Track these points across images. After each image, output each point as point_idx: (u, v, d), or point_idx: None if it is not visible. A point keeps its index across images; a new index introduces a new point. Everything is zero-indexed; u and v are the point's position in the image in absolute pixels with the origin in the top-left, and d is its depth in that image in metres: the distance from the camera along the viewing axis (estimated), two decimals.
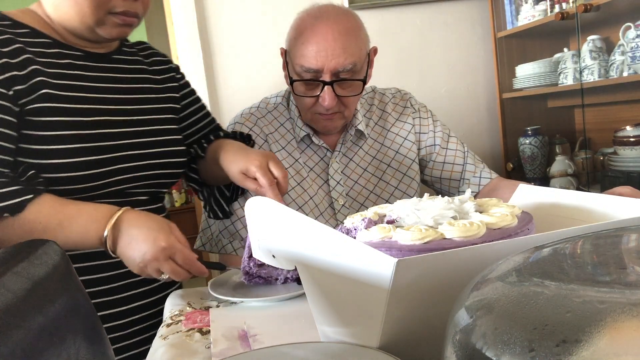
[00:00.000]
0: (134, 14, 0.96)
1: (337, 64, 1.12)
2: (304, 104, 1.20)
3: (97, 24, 0.95)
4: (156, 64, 1.14)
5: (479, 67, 2.23)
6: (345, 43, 1.12)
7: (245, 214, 0.73)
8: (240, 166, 0.98)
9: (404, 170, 1.30)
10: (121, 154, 0.97)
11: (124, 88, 1.03)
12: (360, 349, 0.52)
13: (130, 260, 0.86)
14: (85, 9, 0.92)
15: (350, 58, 1.12)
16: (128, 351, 1.02)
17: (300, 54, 1.13)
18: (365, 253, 0.49)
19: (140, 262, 0.85)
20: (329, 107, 1.15)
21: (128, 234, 0.86)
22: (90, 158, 0.93)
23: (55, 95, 0.92)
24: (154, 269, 0.86)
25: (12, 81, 0.88)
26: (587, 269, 0.38)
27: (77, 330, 0.53)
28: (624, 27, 1.66)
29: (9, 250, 0.51)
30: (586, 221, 0.64)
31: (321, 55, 1.11)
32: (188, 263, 0.87)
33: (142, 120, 1.03)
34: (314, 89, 1.16)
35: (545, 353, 0.28)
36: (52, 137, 0.90)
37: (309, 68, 1.13)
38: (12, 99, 0.89)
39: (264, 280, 0.93)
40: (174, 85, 1.15)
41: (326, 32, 1.12)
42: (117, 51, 1.07)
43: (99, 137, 0.95)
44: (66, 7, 0.94)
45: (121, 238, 0.86)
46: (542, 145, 2.08)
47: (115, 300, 1.01)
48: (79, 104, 0.94)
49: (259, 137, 1.26)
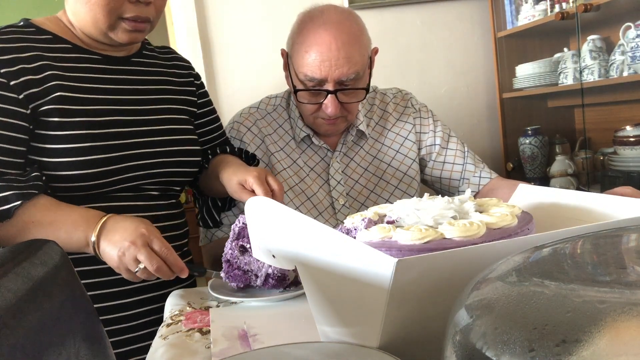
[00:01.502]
0: (145, 19, 0.99)
1: (341, 74, 1.12)
2: (307, 110, 1.21)
3: (109, 29, 0.98)
4: (176, 67, 1.17)
5: (479, 67, 2.23)
6: (349, 52, 1.12)
7: (245, 214, 0.74)
8: (239, 177, 1.01)
9: (405, 170, 1.30)
10: (134, 152, 1.01)
11: (140, 89, 1.07)
12: (360, 349, 0.52)
13: (110, 250, 0.87)
14: (98, 15, 0.96)
15: (354, 67, 1.13)
16: (128, 350, 1.02)
17: (304, 62, 1.14)
18: (365, 253, 0.49)
19: (119, 251, 0.85)
20: (333, 115, 1.16)
21: (112, 228, 0.88)
22: (103, 156, 0.96)
23: (70, 98, 0.96)
24: (131, 256, 0.85)
25: (26, 85, 0.93)
26: (587, 269, 0.38)
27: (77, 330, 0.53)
28: (624, 27, 1.66)
29: (9, 251, 0.51)
30: (586, 221, 0.64)
31: (325, 65, 1.11)
32: (165, 252, 0.86)
33: (156, 120, 1.06)
34: (317, 96, 1.17)
35: (545, 353, 0.28)
36: (67, 137, 0.94)
37: (313, 77, 1.13)
38: (23, 103, 0.93)
39: (241, 277, 0.91)
40: (192, 89, 1.18)
41: (330, 41, 1.11)
42: (137, 54, 1.11)
43: (112, 135, 0.98)
44: (82, 13, 0.99)
45: (105, 235, 0.88)
46: (542, 145, 2.08)
47: (116, 305, 1.01)
48: (93, 105, 0.98)
49: (257, 138, 1.27)
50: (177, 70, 1.17)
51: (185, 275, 0.88)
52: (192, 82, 1.19)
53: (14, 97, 0.92)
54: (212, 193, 1.21)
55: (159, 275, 0.86)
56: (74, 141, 0.95)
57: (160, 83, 1.11)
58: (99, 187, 0.98)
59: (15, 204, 0.87)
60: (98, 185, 0.98)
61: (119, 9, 0.96)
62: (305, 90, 1.17)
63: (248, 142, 1.26)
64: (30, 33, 0.99)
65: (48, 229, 0.89)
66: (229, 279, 0.91)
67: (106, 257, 0.88)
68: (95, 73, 1.02)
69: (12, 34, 0.97)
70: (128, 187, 1.02)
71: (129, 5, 0.96)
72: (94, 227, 0.89)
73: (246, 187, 1.00)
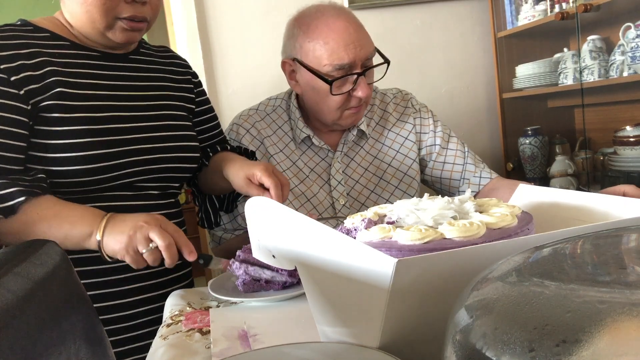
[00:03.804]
0: (142, 18, 0.99)
1: (367, 52, 1.15)
2: (335, 104, 1.18)
3: (106, 29, 0.99)
4: (174, 65, 1.18)
5: (479, 67, 2.23)
6: (364, 33, 1.17)
7: (245, 214, 0.74)
8: (246, 172, 1.01)
9: (405, 170, 1.30)
10: (134, 147, 1.01)
11: (138, 85, 1.07)
12: (360, 349, 0.52)
13: (119, 234, 0.85)
14: (95, 15, 0.96)
15: (372, 46, 1.18)
16: (128, 350, 1.02)
17: (327, 53, 1.13)
18: (365, 253, 0.49)
19: (131, 230, 0.84)
20: (368, 96, 1.18)
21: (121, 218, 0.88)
22: (104, 151, 0.97)
23: (69, 94, 0.96)
24: (143, 235, 0.84)
25: (27, 80, 0.94)
26: (587, 269, 0.38)
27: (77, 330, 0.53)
28: (624, 27, 1.66)
29: (9, 251, 0.51)
30: (586, 221, 0.64)
31: (350, 48, 1.13)
32: (177, 233, 0.86)
33: (155, 116, 1.07)
34: (347, 84, 1.16)
35: (545, 353, 0.28)
36: (68, 132, 0.95)
37: (342, 64, 1.13)
38: (24, 98, 0.93)
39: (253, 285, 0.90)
40: (190, 87, 1.19)
41: (345, 26, 1.14)
42: (135, 52, 1.11)
43: (111, 131, 0.99)
44: (79, 14, 0.99)
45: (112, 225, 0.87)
46: (542, 145, 2.08)
47: (116, 305, 1.01)
48: (92, 101, 0.99)
49: (256, 139, 1.27)
50: (175, 68, 1.17)
51: (193, 258, 0.87)
52: (189, 80, 1.19)
53: (15, 92, 0.93)
54: (213, 191, 1.21)
55: (167, 255, 0.84)
56: (75, 136, 0.95)
57: (159, 80, 1.12)
58: (99, 183, 0.98)
59: (19, 199, 0.87)
60: (99, 180, 0.98)
61: (115, 9, 0.96)
62: (339, 78, 1.14)
63: (247, 144, 1.26)
64: (28, 31, 0.99)
65: (52, 221, 0.88)
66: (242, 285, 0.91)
67: (112, 242, 0.86)
68: (94, 69, 1.02)
69: (11, 32, 0.97)
70: (128, 184, 1.02)
71: (125, 5, 0.96)
72: (101, 219, 0.88)
73: (253, 182, 1.00)
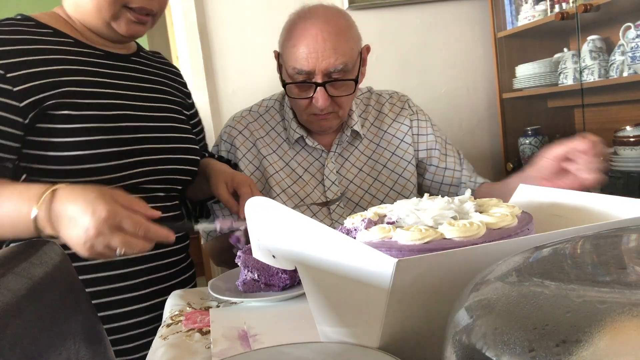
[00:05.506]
0: (149, 11, 1.00)
1: (328, 64, 1.12)
2: (299, 106, 1.21)
3: (112, 18, 0.99)
4: (169, 72, 1.20)
5: (479, 67, 2.23)
6: (336, 43, 1.12)
7: (245, 214, 0.73)
8: (227, 176, 1.06)
9: (400, 172, 1.30)
10: (140, 147, 1.01)
11: (142, 87, 1.08)
12: (360, 349, 0.52)
13: (76, 244, 0.74)
14: (103, 2, 0.96)
15: (341, 58, 1.13)
16: (128, 348, 1.02)
17: (292, 56, 1.14)
18: (365, 253, 0.49)
19: (86, 243, 0.73)
20: (323, 108, 1.16)
21: (65, 214, 0.75)
22: (112, 149, 0.96)
23: (76, 92, 0.96)
24: (103, 246, 0.73)
25: (27, 77, 0.92)
26: (587, 269, 0.38)
27: (77, 330, 0.53)
28: (624, 27, 1.67)
29: (10, 251, 0.51)
30: (586, 221, 0.64)
31: (312, 56, 1.12)
32: (141, 229, 0.75)
33: (159, 117, 1.07)
34: (307, 91, 1.17)
35: (545, 353, 0.28)
36: (75, 130, 0.94)
37: (301, 70, 1.13)
38: (17, 96, 0.90)
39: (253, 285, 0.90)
40: (187, 92, 1.23)
41: (316, 33, 1.12)
42: (136, 54, 1.12)
43: (122, 130, 0.99)
44: (86, 2, 0.98)
45: (61, 221, 0.75)
46: (542, 145, 2.08)
47: (116, 301, 1.01)
48: (97, 99, 0.98)
49: (248, 141, 1.28)
50: (171, 75, 1.20)
51: (172, 239, 0.79)
52: (183, 89, 1.22)
53: (8, 88, 0.89)
54: (194, 195, 1.23)
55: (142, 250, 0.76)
56: (85, 134, 0.94)
57: (159, 83, 1.13)
58: (106, 183, 0.96)
59: None
60: (106, 180, 0.96)
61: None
62: (293, 83, 1.17)
63: (239, 145, 1.27)
64: (29, 27, 0.98)
65: None
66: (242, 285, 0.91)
67: (71, 246, 0.75)
68: (97, 67, 1.02)
69: (12, 26, 0.96)
70: (134, 185, 1.01)
71: None
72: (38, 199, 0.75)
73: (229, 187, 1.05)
